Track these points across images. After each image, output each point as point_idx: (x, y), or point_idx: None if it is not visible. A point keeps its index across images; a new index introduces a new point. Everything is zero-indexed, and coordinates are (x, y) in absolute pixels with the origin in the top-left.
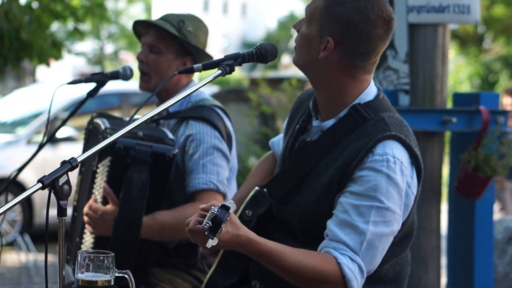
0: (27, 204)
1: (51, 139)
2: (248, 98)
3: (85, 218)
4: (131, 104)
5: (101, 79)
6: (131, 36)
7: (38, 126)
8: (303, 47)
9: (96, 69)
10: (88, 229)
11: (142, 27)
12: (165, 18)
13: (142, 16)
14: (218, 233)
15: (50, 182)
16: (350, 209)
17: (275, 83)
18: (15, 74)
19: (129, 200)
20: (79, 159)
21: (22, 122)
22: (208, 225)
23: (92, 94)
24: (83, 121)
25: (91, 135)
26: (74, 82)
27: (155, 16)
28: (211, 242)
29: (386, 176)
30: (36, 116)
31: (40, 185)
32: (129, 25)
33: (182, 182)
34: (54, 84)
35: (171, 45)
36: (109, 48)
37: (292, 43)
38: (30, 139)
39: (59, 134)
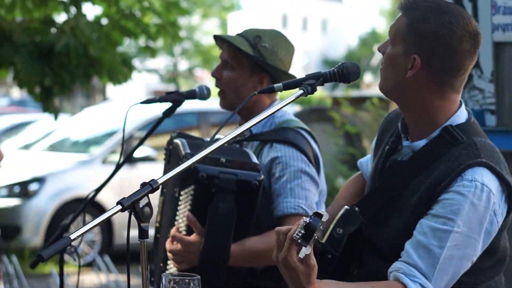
0: (107, 224)
1: (129, 159)
2: (331, 117)
3: (169, 255)
4: (210, 123)
5: (176, 98)
6: (206, 52)
7: (112, 145)
8: (389, 68)
9: (170, 87)
10: (173, 265)
11: (220, 43)
12: (243, 33)
13: (217, 32)
14: (312, 241)
15: (130, 204)
16: (428, 232)
17: (358, 102)
18: (84, 92)
19: (216, 231)
20: (159, 181)
21: (96, 141)
22: (300, 233)
23: (168, 114)
24: (161, 140)
25: (172, 156)
26: (148, 101)
27: (231, 31)
28: (304, 251)
29: (470, 202)
30: (110, 135)
31: (119, 207)
32: (204, 41)
33: (269, 205)
34: (126, 102)
35: (245, 61)
36: (183, 65)
37: (374, 61)
38: (105, 159)
39: (137, 153)
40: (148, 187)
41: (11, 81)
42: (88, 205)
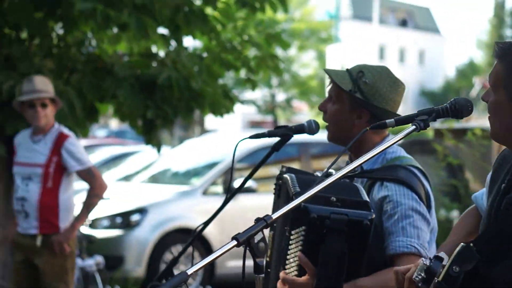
0: (208, 255)
1: (235, 192)
2: (433, 149)
3: None
4: (310, 155)
5: (285, 133)
6: (303, 84)
7: (213, 176)
8: (496, 116)
9: (268, 118)
10: None
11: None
12: (350, 68)
13: (314, 64)
14: (432, 285)
15: (245, 240)
16: None
17: (459, 133)
18: (183, 123)
19: (328, 272)
20: (273, 217)
21: (196, 172)
22: (420, 276)
23: (277, 148)
24: (261, 172)
25: (281, 191)
26: (257, 136)
27: (329, 63)
28: None
29: None
30: (210, 166)
31: (234, 242)
32: (301, 72)
33: (381, 243)
34: (226, 134)
35: (344, 96)
36: (280, 96)
37: (474, 92)
38: (206, 190)
39: (237, 185)
40: (263, 222)
41: (109, 112)
42: (188, 236)
